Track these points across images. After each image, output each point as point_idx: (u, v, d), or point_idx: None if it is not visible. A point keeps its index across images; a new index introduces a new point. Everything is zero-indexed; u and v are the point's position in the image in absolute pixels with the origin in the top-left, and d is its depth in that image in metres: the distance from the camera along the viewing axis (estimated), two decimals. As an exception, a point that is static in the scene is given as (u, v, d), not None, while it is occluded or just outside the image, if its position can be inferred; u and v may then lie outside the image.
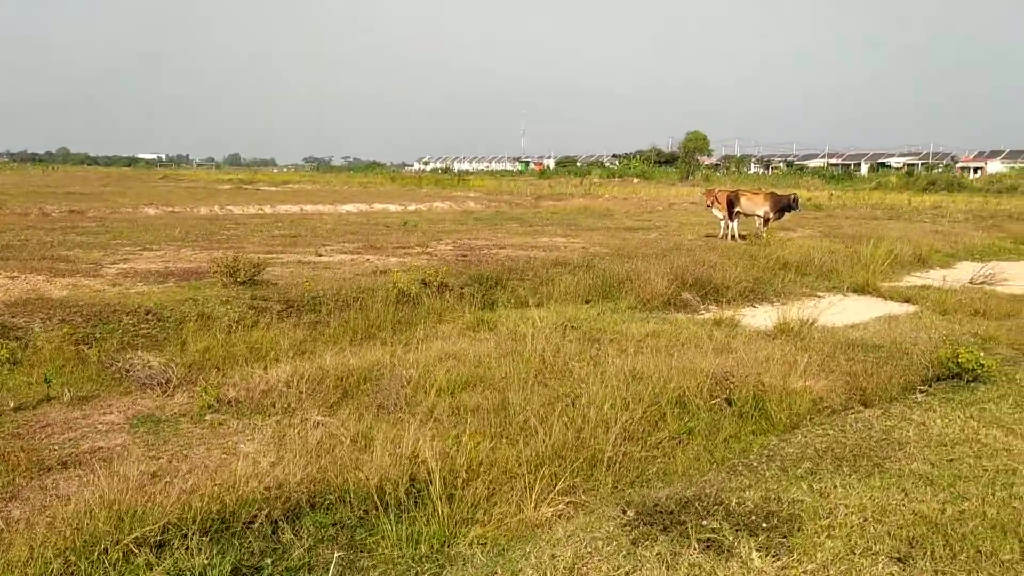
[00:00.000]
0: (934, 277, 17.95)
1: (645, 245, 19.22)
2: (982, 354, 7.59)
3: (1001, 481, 5.23)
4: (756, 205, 22.13)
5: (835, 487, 5.11)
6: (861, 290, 15.39)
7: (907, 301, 14.43)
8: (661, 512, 4.59)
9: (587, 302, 13.23)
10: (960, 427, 6.27)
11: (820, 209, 34.94)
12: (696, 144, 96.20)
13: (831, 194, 46.80)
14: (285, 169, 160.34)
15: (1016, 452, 5.74)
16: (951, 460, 5.61)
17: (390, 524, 4.74)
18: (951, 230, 25.96)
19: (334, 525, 4.89)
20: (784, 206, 22.41)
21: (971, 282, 16.98)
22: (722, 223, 22.40)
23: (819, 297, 14.99)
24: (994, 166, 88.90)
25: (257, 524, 4.74)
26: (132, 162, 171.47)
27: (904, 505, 4.81)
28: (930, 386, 7.85)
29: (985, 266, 17.64)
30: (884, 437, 6.17)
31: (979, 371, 7.51)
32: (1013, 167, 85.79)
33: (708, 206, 22.81)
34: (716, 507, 4.66)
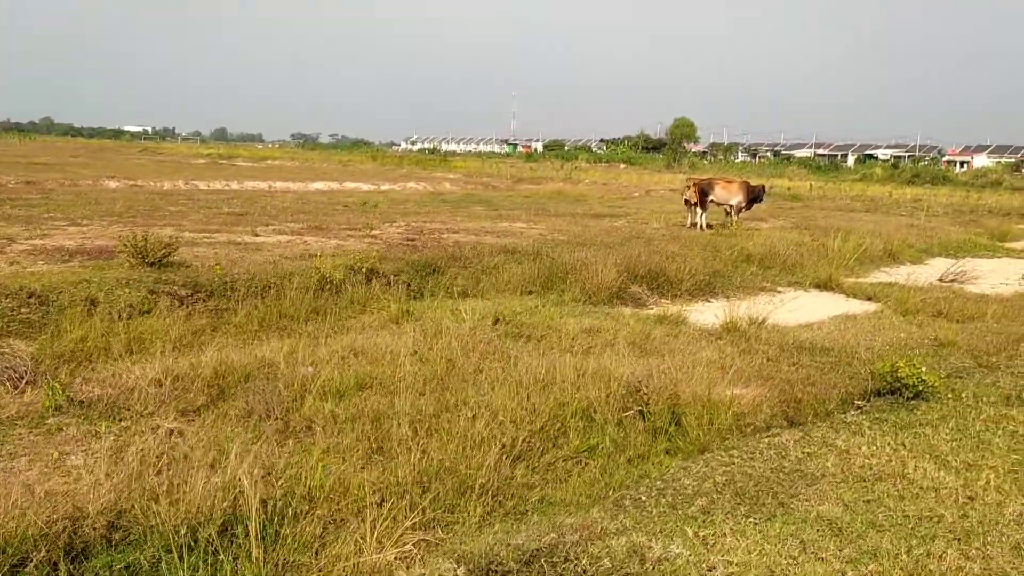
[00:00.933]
0: (903, 273, 17.23)
1: (607, 233, 18.43)
2: (923, 369, 6.83)
3: (922, 532, 4.47)
4: (730, 194, 21.35)
5: (724, 534, 4.34)
6: (824, 286, 14.66)
7: (870, 299, 13.70)
8: (497, 572, 3.81)
9: (530, 293, 12.45)
10: (888, 457, 5.49)
11: (797, 200, 34.21)
12: (683, 131, 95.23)
13: (811, 184, 46.08)
14: (271, 145, 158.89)
15: (945, 493, 4.97)
16: (869, 501, 4.84)
17: (183, 574, 3.94)
18: (927, 224, 25.27)
19: (127, 568, 4.09)
20: (755, 196, 21.68)
21: (941, 280, 16.29)
22: (694, 212, 21.63)
23: (779, 292, 14.27)
24: (980, 160, 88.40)
25: (28, 568, 3.94)
26: (117, 134, 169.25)
27: (797, 566, 4.04)
28: (868, 401, 7.10)
29: (957, 263, 16.94)
30: (798, 468, 5.40)
31: (921, 387, 6.76)
32: (999, 162, 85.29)
33: (694, 202, 21.92)
34: (567, 565, 3.88)
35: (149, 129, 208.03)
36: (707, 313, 11.91)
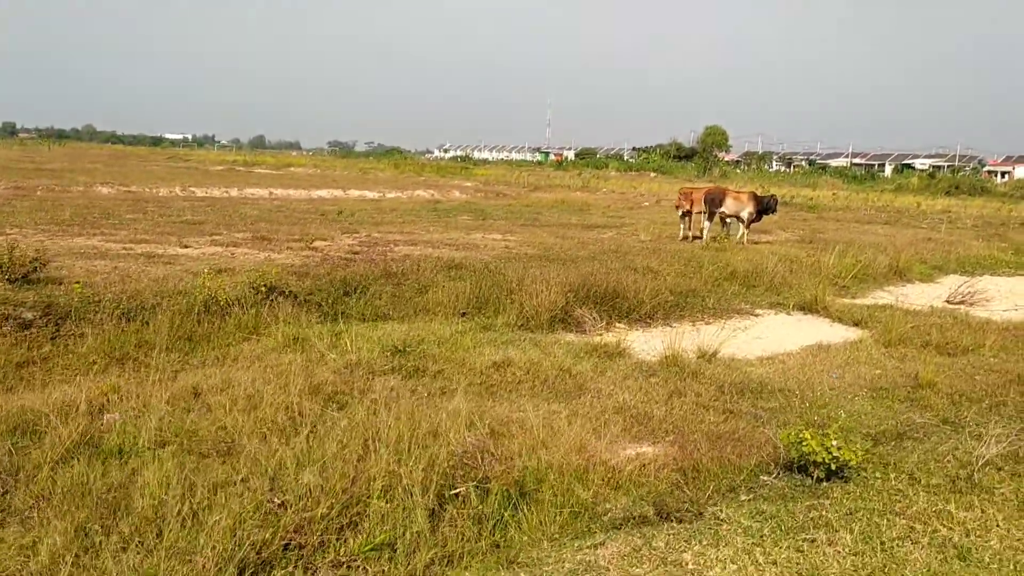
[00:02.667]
0: (908, 293, 15.56)
1: (582, 246, 16.94)
2: (835, 444, 5.21)
3: None
4: (742, 206, 19.77)
5: None
6: (808, 308, 13.04)
7: (857, 324, 12.07)
8: None
9: (463, 315, 11.02)
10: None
11: (814, 211, 32.36)
12: (715, 139, 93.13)
13: (835, 194, 44.02)
14: (306, 153, 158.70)
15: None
16: None
17: None
18: (947, 238, 23.38)
19: None
20: (764, 208, 20.07)
21: (948, 301, 14.61)
22: (682, 224, 20.07)
23: (756, 316, 12.69)
24: (1022, 171, 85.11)
25: None
26: (157, 141, 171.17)
27: None
28: (778, 475, 5.56)
29: (967, 281, 15.20)
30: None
31: (835, 466, 5.20)
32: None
33: (687, 211, 20.34)
34: None
35: (189, 136, 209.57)
36: (660, 341, 10.37)
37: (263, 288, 10.13)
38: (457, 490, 4.97)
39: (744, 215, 19.70)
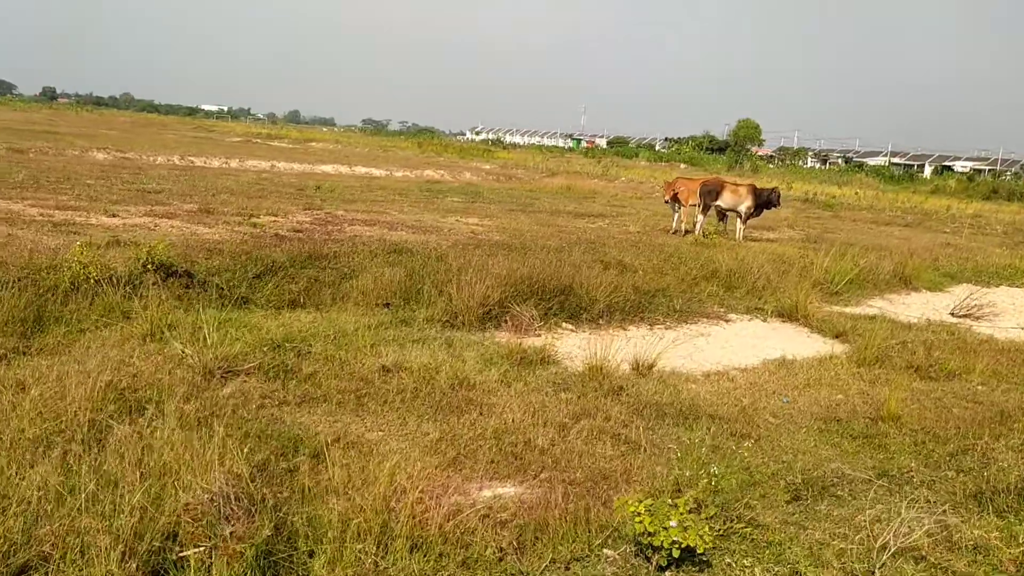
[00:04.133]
0: (911, 303, 14.11)
1: (559, 235, 15.64)
2: (673, 524, 3.90)
3: None
4: (739, 199, 18.37)
5: None
6: (788, 315, 11.66)
7: (838, 336, 10.70)
8: None
9: (386, 306, 9.80)
10: None
11: (830, 209, 30.70)
12: (747, 132, 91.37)
13: (857, 193, 42.14)
14: (338, 129, 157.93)
15: None
16: None
17: None
18: (967, 244, 21.75)
19: None
20: (764, 201, 18.65)
21: (952, 313, 13.18)
22: (676, 216, 18.67)
23: (727, 321, 11.34)
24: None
25: None
26: (192, 112, 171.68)
27: None
28: (624, 551, 4.28)
29: (976, 292, 13.72)
30: None
31: (676, 552, 3.89)
32: (1090, 179, 78.98)
33: (666, 201, 18.97)
34: None
35: (224, 108, 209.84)
36: (601, 347, 9.05)
37: (149, 266, 8.95)
38: (183, 554, 3.73)
39: (742, 209, 18.31)
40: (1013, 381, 8.75)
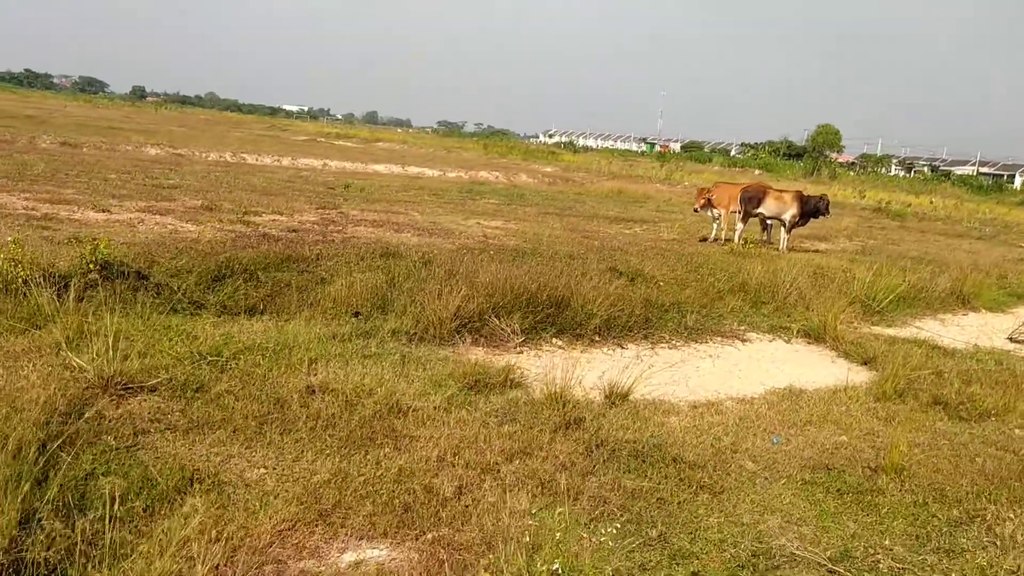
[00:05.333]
0: (966, 324, 12.74)
1: (583, 240, 14.62)
2: None
3: None
4: (784, 206, 17.08)
5: None
6: (816, 336, 10.45)
7: (866, 363, 9.48)
8: None
9: (356, 315, 8.94)
10: None
11: (899, 218, 28.88)
12: (826, 138, 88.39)
13: (931, 202, 39.90)
14: (411, 131, 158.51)
15: None
16: None
17: None
18: (1043, 260, 19.97)
19: None
20: (811, 210, 17.31)
21: (1010, 338, 11.79)
22: (715, 223, 17.43)
23: (743, 342, 10.20)
24: None
25: None
26: (275, 111, 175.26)
27: None
28: None
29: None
30: None
31: None
32: None
33: (696, 210, 17.70)
34: None
35: (304, 109, 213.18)
36: (592, 370, 8.06)
37: (92, 266, 8.26)
38: None
39: (786, 217, 17.00)
40: (1060, 424, 7.46)
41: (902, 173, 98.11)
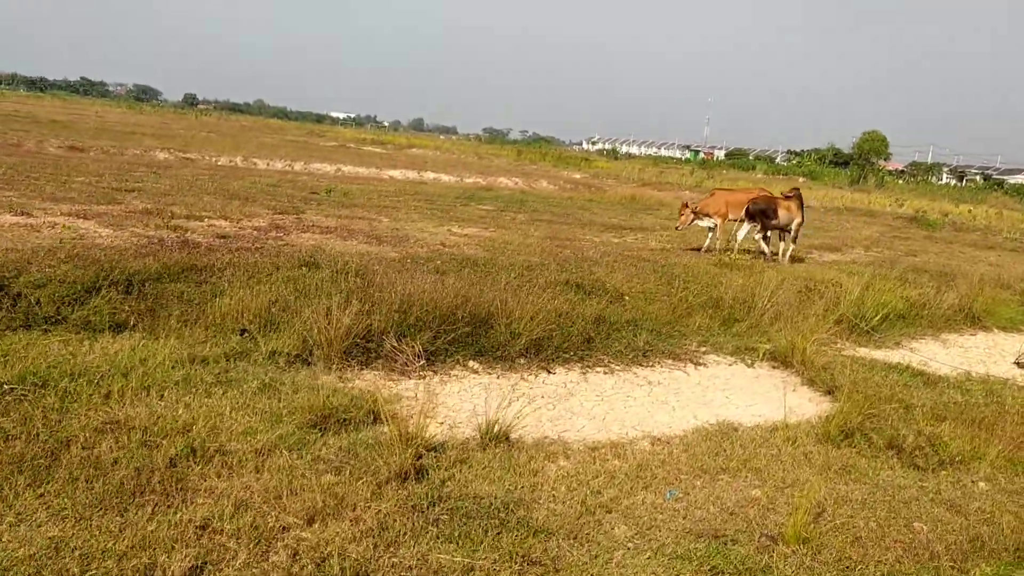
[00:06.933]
0: (971, 346, 11.43)
1: (558, 249, 13.46)
2: None
3: None
4: (791, 215, 15.81)
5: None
6: (783, 360, 9.21)
7: (831, 392, 8.23)
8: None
9: (243, 332, 7.95)
10: None
11: (932, 228, 27.18)
12: (872, 145, 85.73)
13: (970, 210, 37.92)
14: (456, 137, 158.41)
15: None
16: None
17: None
18: (1075, 274, 18.32)
19: None
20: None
21: (1017, 362, 10.45)
22: (711, 234, 16.15)
23: (699, 366, 9.01)
24: None
25: None
26: (321, 119, 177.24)
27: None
28: None
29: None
30: None
31: None
32: None
33: (678, 228, 16.31)
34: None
35: (352, 116, 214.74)
36: (494, 400, 6.95)
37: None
38: None
39: (793, 226, 15.69)
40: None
41: (953, 182, 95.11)
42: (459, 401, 7.06)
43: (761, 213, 15.60)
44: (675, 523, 4.96)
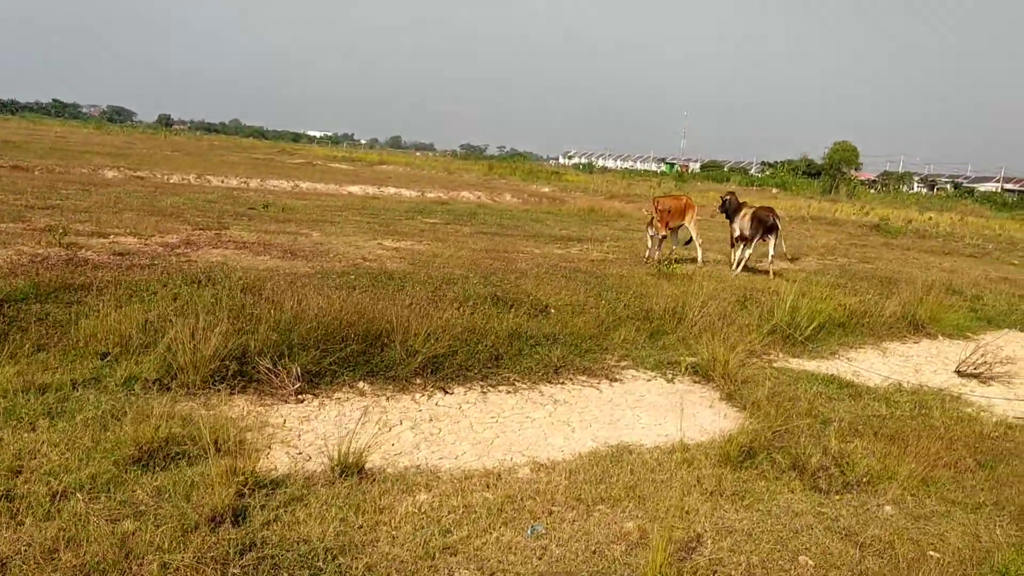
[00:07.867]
0: (913, 354, 10.90)
1: (490, 261, 12.87)
2: None
3: None
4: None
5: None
6: (705, 374, 8.63)
7: (746, 407, 7.64)
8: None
9: (104, 356, 7.27)
10: None
11: (892, 235, 26.81)
12: (843, 156, 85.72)
13: (931, 216, 37.66)
14: (433, 154, 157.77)
15: None
16: None
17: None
18: (1029, 278, 17.90)
19: None
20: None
21: (958, 371, 9.92)
22: (652, 241, 15.60)
23: (613, 381, 8.42)
24: None
25: None
26: (298, 137, 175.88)
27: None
28: None
29: (997, 342, 10.39)
30: None
31: None
32: None
33: (664, 236, 15.77)
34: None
35: (329, 134, 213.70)
36: (371, 424, 6.33)
37: None
38: None
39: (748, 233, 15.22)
40: (952, 496, 5.60)
41: (924, 190, 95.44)
42: (333, 428, 6.42)
43: (758, 220, 15.12)
44: (526, 566, 4.35)
